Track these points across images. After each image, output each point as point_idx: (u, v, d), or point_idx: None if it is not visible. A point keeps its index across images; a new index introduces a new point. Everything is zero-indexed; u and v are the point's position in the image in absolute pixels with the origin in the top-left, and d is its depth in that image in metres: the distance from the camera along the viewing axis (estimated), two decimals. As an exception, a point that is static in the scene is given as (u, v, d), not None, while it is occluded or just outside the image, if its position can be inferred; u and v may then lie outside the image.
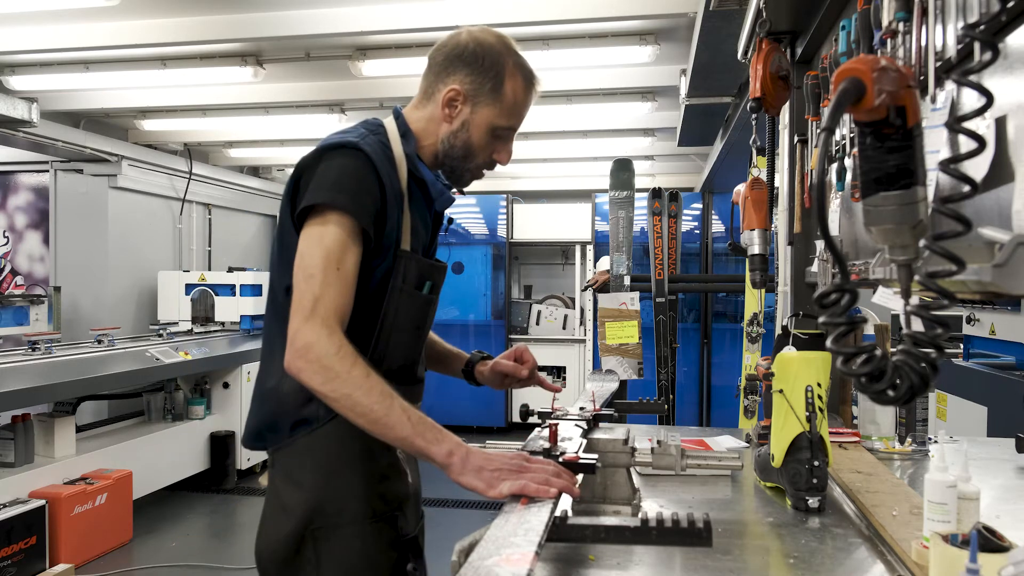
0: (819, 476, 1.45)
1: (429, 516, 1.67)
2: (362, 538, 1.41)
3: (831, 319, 0.84)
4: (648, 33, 3.95)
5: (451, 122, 1.47)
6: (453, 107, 1.46)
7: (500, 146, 1.51)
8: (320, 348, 1.25)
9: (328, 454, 1.41)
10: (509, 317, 7.78)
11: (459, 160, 1.49)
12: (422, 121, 1.49)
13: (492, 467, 1.24)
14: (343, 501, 1.40)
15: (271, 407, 1.45)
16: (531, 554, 0.95)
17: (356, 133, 1.41)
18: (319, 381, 1.26)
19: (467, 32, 1.48)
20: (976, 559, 0.85)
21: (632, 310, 4.45)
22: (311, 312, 1.27)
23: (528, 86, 1.49)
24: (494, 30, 1.50)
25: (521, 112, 1.51)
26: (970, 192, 0.86)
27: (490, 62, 1.45)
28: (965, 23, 1.02)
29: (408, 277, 1.44)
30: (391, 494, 1.47)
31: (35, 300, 5.77)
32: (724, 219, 7.22)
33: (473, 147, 1.48)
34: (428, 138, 1.49)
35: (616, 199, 4.70)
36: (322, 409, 1.39)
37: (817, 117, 1.93)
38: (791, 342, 1.87)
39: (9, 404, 3.82)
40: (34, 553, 3.81)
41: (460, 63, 1.45)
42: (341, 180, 1.33)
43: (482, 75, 1.44)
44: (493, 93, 1.45)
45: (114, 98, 5.42)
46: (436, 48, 1.49)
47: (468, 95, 1.45)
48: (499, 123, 1.48)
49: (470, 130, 1.47)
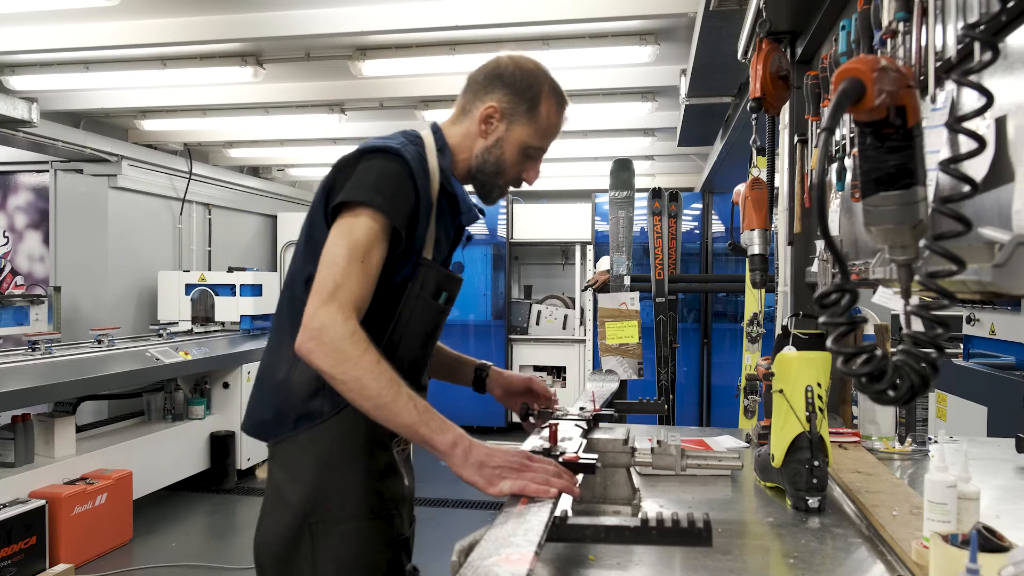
0: (819, 476, 1.45)
1: (429, 516, 1.68)
2: (359, 535, 1.42)
3: (831, 319, 0.84)
4: (648, 33, 3.95)
5: (486, 138, 1.53)
6: (489, 123, 1.52)
7: (529, 165, 1.58)
8: (334, 331, 1.27)
9: (329, 450, 1.43)
10: (509, 317, 7.79)
11: (490, 175, 1.55)
12: (457, 136, 1.55)
13: (493, 463, 1.25)
14: (342, 497, 1.42)
15: (276, 398, 1.47)
16: (531, 554, 0.96)
17: (396, 140, 1.45)
18: (329, 363, 1.28)
19: (508, 56, 1.57)
20: (976, 559, 0.85)
21: (632, 310, 4.45)
22: (329, 297, 1.30)
23: (560, 110, 1.57)
24: (532, 57, 1.59)
25: (553, 134, 1.58)
26: (970, 192, 0.86)
27: (527, 84, 1.52)
28: (965, 23, 1.02)
29: (427, 285, 1.48)
30: (389, 493, 1.48)
31: (35, 300, 5.77)
32: (724, 219, 7.22)
33: (505, 164, 1.54)
34: (462, 153, 1.55)
35: (616, 199, 4.70)
36: (326, 404, 1.41)
37: (817, 117, 1.93)
38: (791, 342, 1.87)
39: (9, 404, 3.82)
40: (34, 553, 3.81)
41: (500, 82, 1.52)
42: (380, 182, 1.37)
43: (519, 95, 1.52)
44: (529, 113, 1.52)
45: (114, 98, 5.42)
46: (477, 69, 1.57)
47: (505, 113, 1.52)
48: (531, 143, 1.54)
49: (503, 147, 1.53)
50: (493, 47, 4.11)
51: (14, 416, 4.12)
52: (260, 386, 1.52)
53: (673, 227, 4.98)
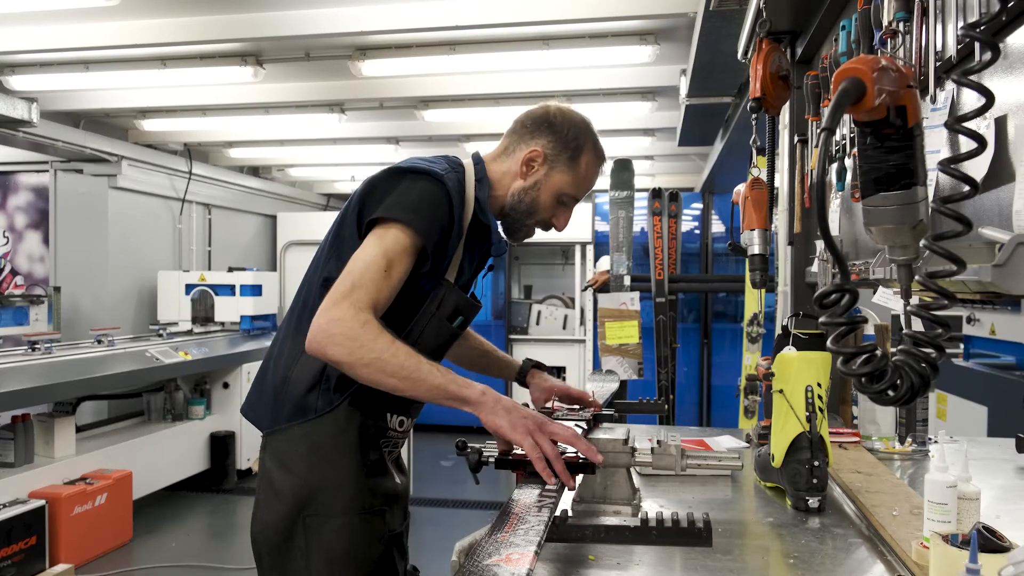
0: (819, 476, 1.45)
1: (429, 516, 1.69)
2: (350, 529, 1.46)
3: (831, 319, 0.84)
4: (648, 33, 3.95)
5: (525, 179, 1.58)
6: (531, 166, 1.58)
7: (561, 211, 1.63)
8: (346, 323, 1.32)
9: (321, 444, 1.47)
10: (509, 317, 7.78)
11: (523, 215, 1.61)
12: (498, 173, 1.61)
13: (520, 413, 1.35)
14: (334, 492, 1.46)
15: (276, 389, 1.52)
16: (531, 554, 0.96)
17: (440, 166, 1.51)
18: (345, 351, 1.32)
19: (556, 106, 1.63)
20: (976, 559, 0.85)
21: (632, 310, 4.45)
22: (342, 296, 1.35)
23: (599, 166, 1.64)
24: (579, 111, 1.64)
25: (588, 186, 1.63)
26: (970, 192, 0.86)
27: (573, 134, 1.58)
28: (965, 23, 1.02)
29: (444, 306, 1.53)
30: (380, 489, 1.52)
31: (35, 300, 5.77)
32: (724, 219, 7.22)
33: (539, 206, 1.60)
34: (499, 190, 1.60)
35: (616, 199, 4.70)
36: (321, 400, 1.46)
37: (817, 117, 1.93)
38: (791, 342, 1.86)
39: (9, 404, 3.82)
40: (34, 553, 3.81)
41: (548, 129, 1.58)
42: (420, 203, 1.43)
43: (564, 144, 1.57)
44: (570, 163, 1.58)
45: (114, 98, 5.41)
46: (525, 113, 1.63)
47: (547, 158, 1.57)
48: (567, 191, 1.60)
49: (540, 190, 1.58)
50: (493, 47, 4.11)
51: (14, 416, 4.11)
52: (263, 375, 1.58)
53: (673, 227, 4.98)
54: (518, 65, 4.42)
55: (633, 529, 1.22)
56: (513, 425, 1.32)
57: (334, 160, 7.40)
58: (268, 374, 1.56)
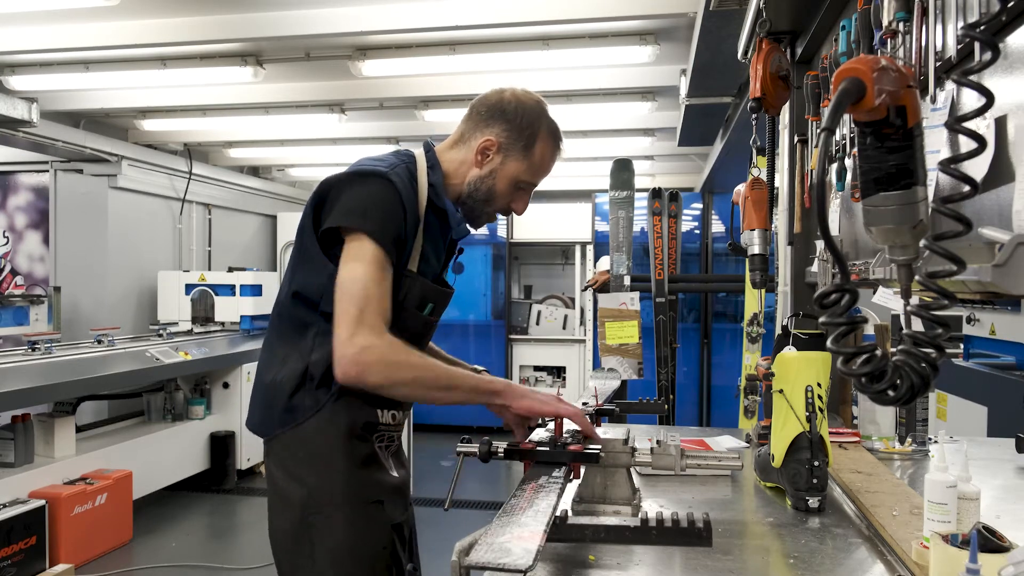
0: (819, 476, 1.45)
1: (429, 516, 1.70)
2: (347, 522, 1.49)
3: (831, 319, 0.84)
4: (648, 33, 3.95)
5: (481, 167, 1.60)
6: (486, 155, 1.59)
7: (519, 196, 1.66)
8: (375, 349, 1.38)
9: (313, 444, 1.50)
10: (509, 317, 7.78)
11: (480, 203, 1.63)
12: (454, 163, 1.62)
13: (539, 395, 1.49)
14: (329, 487, 1.49)
15: (267, 398, 1.56)
16: (540, 532, 1.03)
17: (387, 163, 1.53)
18: (383, 376, 1.39)
19: (511, 91, 1.62)
20: (976, 559, 0.85)
21: (632, 310, 4.45)
22: (357, 323, 1.39)
23: (555, 150, 1.66)
24: (535, 94, 1.64)
25: (545, 171, 1.66)
26: (970, 192, 0.86)
27: (528, 122, 1.59)
28: (965, 23, 1.02)
29: (410, 297, 1.55)
30: (372, 480, 1.54)
31: (35, 300, 5.77)
32: (724, 219, 7.22)
33: (496, 194, 1.62)
34: (455, 178, 1.61)
35: (616, 199, 4.70)
36: (308, 400, 1.50)
37: (817, 117, 1.93)
38: (791, 342, 1.86)
39: (9, 404, 3.82)
40: (34, 553, 3.81)
41: (501, 117, 1.59)
42: (368, 207, 1.45)
43: (518, 132, 1.58)
44: (525, 150, 1.60)
45: (114, 98, 5.41)
46: (480, 100, 1.63)
47: (502, 147, 1.59)
48: (524, 177, 1.62)
49: (496, 178, 1.60)
50: (493, 47, 4.11)
51: (14, 416, 4.11)
52: (256, 387, 1.62)
53: (673, 227, 4.98)
54: (518, 65, 4.42)
55: (633, 529, 1.23)
56: (542, 402, 1.46)
57: (334, 160, 7.40)
58: (259, 386, 1.60)
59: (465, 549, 1.07)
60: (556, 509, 1.15)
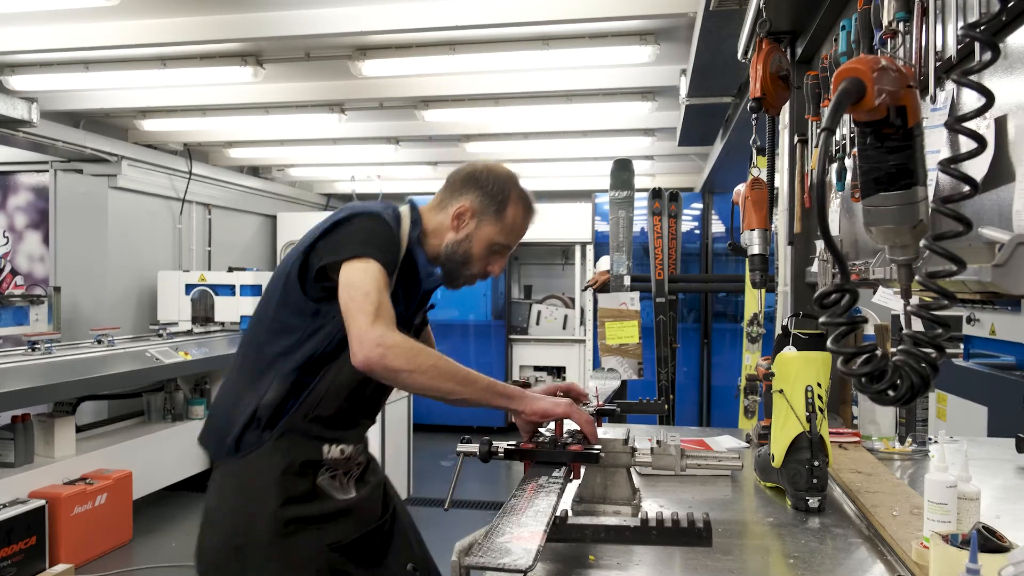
0: (819, 476, 1.45)
1: (429, 516, 1.70)
2: (276, 548, 1.52)
3: (831, 319, 0.84)
4: (648, 33, 3.95)
5: (457, 232, 1.70)
6: (461, 220, 1.69)
7: (495, 259, 1.74)
8: (395, 336, 1.43)
9: (249, 477, 1.55)
10: (509, 317, 7.78)
11: (458, 265, 1.71)
12: (433, 224, 1.72)
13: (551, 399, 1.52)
14: (259, 522, 1.52)
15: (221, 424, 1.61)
16: (540, 532, 1.03)
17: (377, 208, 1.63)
18: (404, 360, 1.42)
19: (483, 163, 1.76)
20: (976, 559, 0.85)
21: (632, 310, 4.45)
22: (375, 315, 1.43)
23: (527, 214, 1.74)
24: (505, 165, 1.77)
25: (518, 234, 1.74)
26: (970, 192, 0.86)
27: (498, 188, 1.70)
28: (965, 23, 1.02)
29: None
30: (306, 513, 1.56)
31: (35, 300, 5.76)
32: (724, 219, 7.22)
33: (472, 256, 1.71)
34: (435, 238, 1.71)
35: (616, 199, 4.70)
36: (252, 436, 1.55)
37: (817, 117, 1.93)
38: (791, 342, 1.87)
39: (9, 404, 3.82)
40: (34, 553, 3.81)
41: (474, 185, 1.70)
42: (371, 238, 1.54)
43: (490, 197, 1.69)
44: (497, 214, 1.69)
45: (114, 98, 5.41)
46: (455, 172, 1.75)
47: (476, 212, 1.69)
48: (498, 240, 1.71)
49: (472, 241, 1.69)
50: (493, 47, 4.11)
51: (14, 416, 4.11)
52: (215, 407, 1.68)
53: (673, 227, 4.98)
54: (518, 65, 4.42)
55: (633, 529, 1.23)
56: (555, 404, 1.48)
57: (334, 160, 7.40)
58: (217, 410, 1.66)
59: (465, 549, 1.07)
60: (556, 509, 1.15)
